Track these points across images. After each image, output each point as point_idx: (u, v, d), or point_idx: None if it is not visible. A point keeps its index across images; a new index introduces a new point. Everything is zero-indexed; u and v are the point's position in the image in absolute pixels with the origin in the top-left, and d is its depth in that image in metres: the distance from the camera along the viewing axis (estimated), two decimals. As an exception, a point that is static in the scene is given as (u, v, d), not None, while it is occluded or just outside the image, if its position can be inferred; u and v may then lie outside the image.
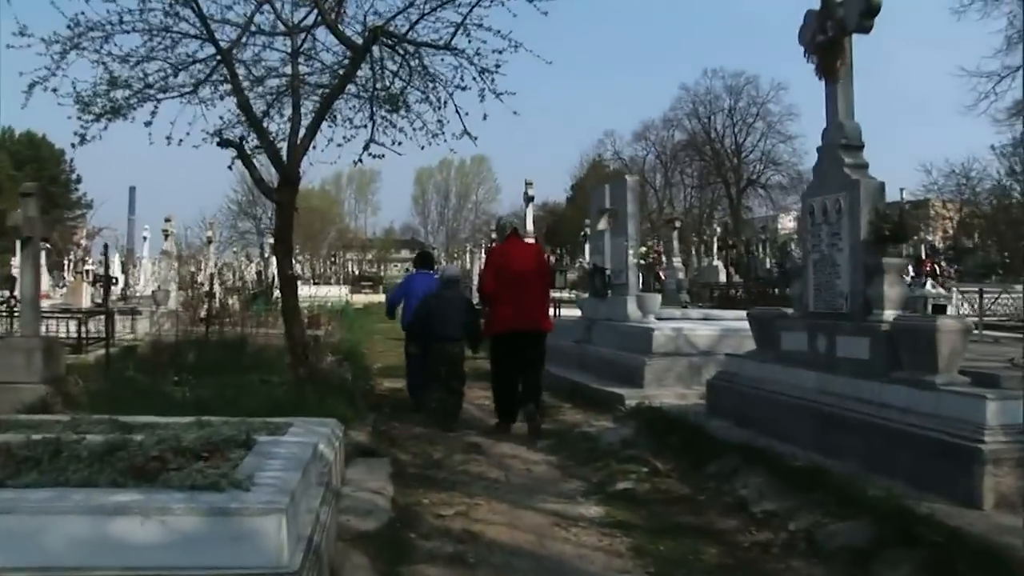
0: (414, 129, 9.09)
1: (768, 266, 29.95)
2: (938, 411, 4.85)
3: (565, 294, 18.77)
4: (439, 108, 8.72)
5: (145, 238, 26.43)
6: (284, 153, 8.39)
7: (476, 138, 8.23)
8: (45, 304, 14.96)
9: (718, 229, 39.09)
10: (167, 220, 21.58)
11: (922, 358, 5.09)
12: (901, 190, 35.55)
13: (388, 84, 8.25)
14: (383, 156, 8.37)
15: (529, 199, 21.05)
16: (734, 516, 5.14)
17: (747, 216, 58.07)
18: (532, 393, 8.05)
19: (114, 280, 25.03)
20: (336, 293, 32.15)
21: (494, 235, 38.95)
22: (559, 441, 7.59)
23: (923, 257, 25.22)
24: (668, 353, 8.93)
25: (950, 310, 11.86)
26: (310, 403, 7.42)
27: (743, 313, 11.05)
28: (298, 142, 8.31)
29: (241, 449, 3.70)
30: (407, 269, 17.04)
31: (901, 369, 5.28)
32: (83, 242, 24.51)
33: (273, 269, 31.95)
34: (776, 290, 19.78)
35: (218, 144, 8.21)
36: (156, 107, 8.51)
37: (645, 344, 9.02)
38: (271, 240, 36.52)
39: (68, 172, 67.67)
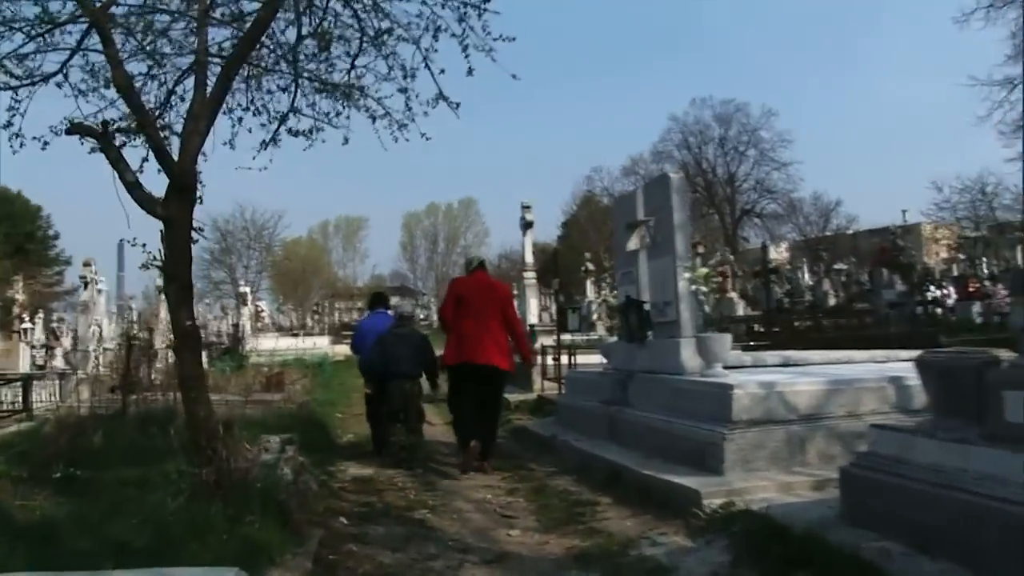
0: (372, 116, 6.59)
1: (779, 297, 27.26)
2: None
3: (577, 337, 15.89)
4: (407, 76, 6.10)
5: (100, 291, 23.49)
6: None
7: (457, 105, 5.69)
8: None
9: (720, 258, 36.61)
10: (85, 265, 18.51)
11: None
12: (903, 212, 33.33)
13: (318, 22, 5.55)
14: (311, 137, 5.77)
15: (527, 225, 17.52)
16: None
17: (743, 247, 56.59)
18: (486, 436, 8.07)
19: (53, 339, 22.25)
20: (318, 344, 29.32)
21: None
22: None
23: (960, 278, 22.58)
24: (757, 421, 6.03)
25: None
26: (215, 526, 4.81)
27: (842, 355, 8.28)
28: (198, 129, 5.56)
29: None
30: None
31: None
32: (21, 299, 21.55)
33: (243, 319, 29.18)
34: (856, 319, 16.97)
35: (67, 131, 5.45)
36: (15, 99, 5.93)
37: (721, 408, 6.13)
38: (242, 288, 33.80)
39: (45, 228, 65.17)
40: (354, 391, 16.00)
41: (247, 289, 31.10)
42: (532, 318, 17.13)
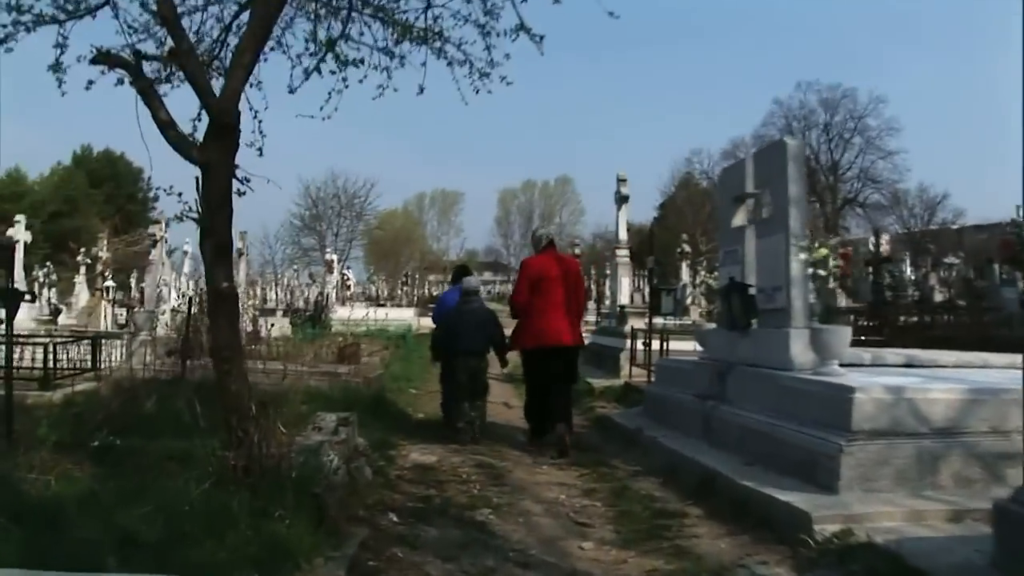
0: (450, 61, 5.87)
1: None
2: None
3: (670, 322, 14.90)
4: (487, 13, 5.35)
5: (186, 252, 23.60)
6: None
7: (541, 38, 4.90)
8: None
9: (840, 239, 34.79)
10: (154, 223, 18.07)
11: None
12: (1018, 206, 30.65)
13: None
14: (361, 65, 5.08)
15: (622, 199, 16.05)
16: None
17: (844, 237, 54.67)
18: (561, 413, 7.93)
19: (134, 298, 22.34)
20: (403, 316, 28.91)
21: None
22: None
23: None
24: (881, 432, 5.05)
25: None
26: (237, 519, 4.15)
27: (974, 357, 7.18)
28: (242, 63, 4.90)
29: None
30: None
31: None
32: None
33: (328, 287, 28.99)
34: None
35: (93, 60, 4.83)
36: (63, 34, 5.41)
37: (838, 414, 5.18)
38: (329, 256, 33.60)
39: (146, 191, 67.03)
40: (434, 366, 15.49)
41: (334, 257, 30.71)
42: (623, 298, 16.17)
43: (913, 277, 27.65)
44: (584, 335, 9.61)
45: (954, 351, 7.65)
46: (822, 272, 5.69)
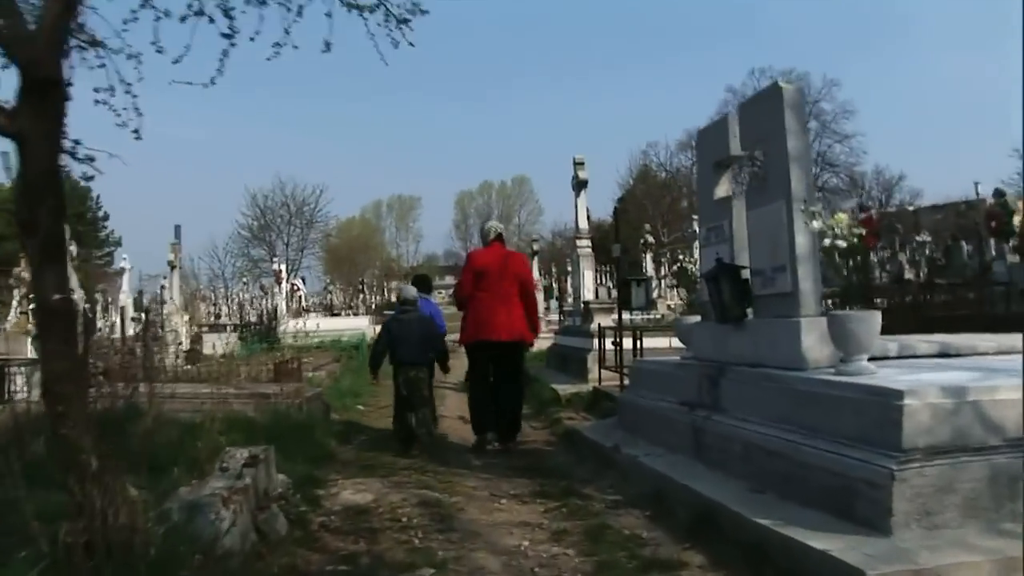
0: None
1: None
2: None
3: (638, 317, 13.66)
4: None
5: (123, 270, 21.91)
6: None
7: None
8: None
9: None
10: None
11: None
12: (976, 184, 30.38)
13: None
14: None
15: (580, 185, 15.07)
16: None
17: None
18: (507, 413, 7.95)
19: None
20: (358, 325, 27.38)
21: (535, 246, 34.86)
22: None
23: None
24: (941, 448, 3.78)
25: None
26: None
27: (1011, 341, 5.92)
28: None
29: None
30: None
31: None
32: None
33: (278, 299, 27.35)
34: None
35: None
36: None
37: (882, 426, 3.91)
38: (276, 266, 31.90)
39: (95, 210, 64.79)
40: (388, 378, 14.09)
41: (282, 267, 29.08)
42: (587, 293, 14.84)
43: (877, 258, 26.69)
44: (546, 335, 9.13)
45: (978, 334, 6.46)
46: (842, 244, 4.41)
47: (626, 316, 12.35)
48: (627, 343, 10.13)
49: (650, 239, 24.39)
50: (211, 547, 3.83)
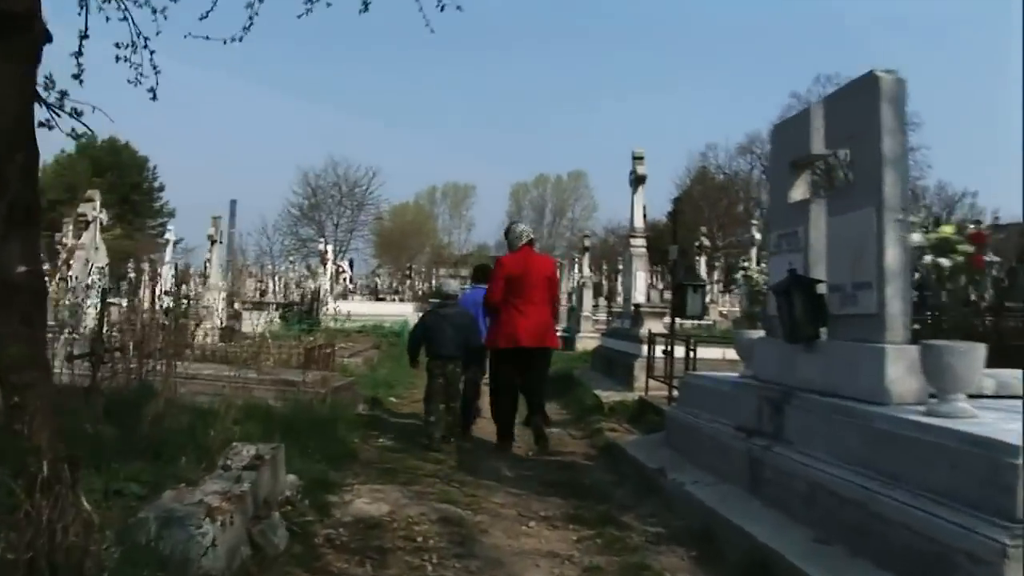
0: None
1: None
2: None
3: (689, 323, 12.96)
4: None
5: (168, 241, 21.77)
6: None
7: None
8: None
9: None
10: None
11: None
12: None
13: None
14: None
15: (638, 180, 14.03)
16: None
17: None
18: (535, 408, 8.11)
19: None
20: (401, 311, 26.89)
21: (587, 243, 34.03)
22: None
23: None
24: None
25: None
26: None
27: None
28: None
29: None
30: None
31: None
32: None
33: (322, 280, 27.00)
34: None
35: None
36: None
37: (990, 486, 3.23)
38: (322, 246, 31.50)
39: (151, 180, 65.50)
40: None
41: (328, 247, 28.66)
42: (639, 296, 14.11)
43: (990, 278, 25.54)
44: (592, 334, 8.85)
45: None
46: (945, 262, 3.73)
47: (677, 321, 11.64)
48: (678, 352, 9.45)
49: (705, 242, 23.51)
50: (183, 569, 3.30)
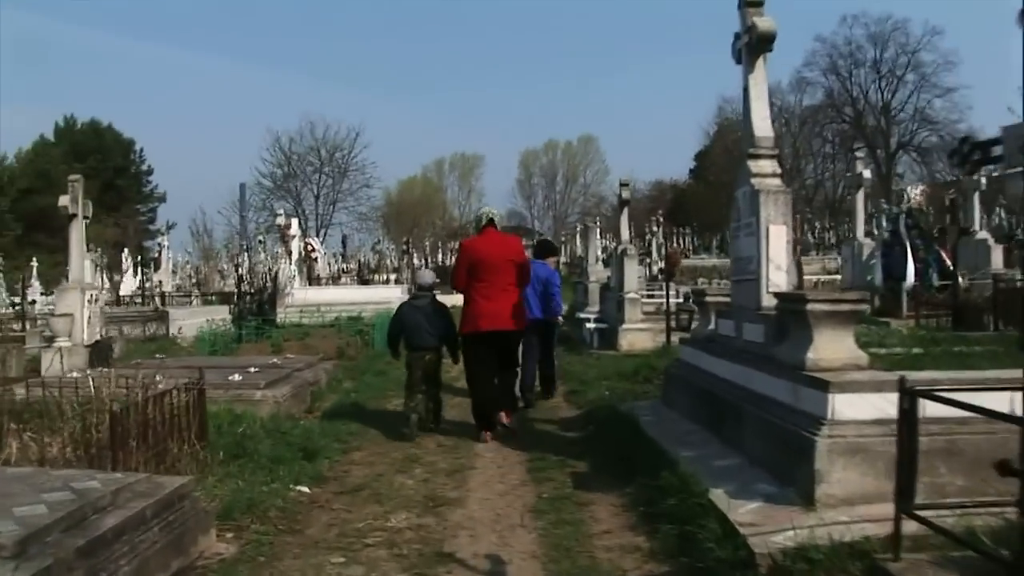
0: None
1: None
2: None
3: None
4: None
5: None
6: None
7: None
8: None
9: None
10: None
11: None
12: None
13: None
14: None
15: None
16: None
17: (896, 186, 49.84)
18: (505, 397, 8.05)
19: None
20: (387, 296, 22.19)
21: (608, 212, 30.29)
22: None
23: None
24: None
25: None
26: None
27: None
28: None
29: None
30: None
31: None
32: None
33: (281, 264, 22.54)
34: None
35: None
36: None
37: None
38: (280, 219, 25.99)
39: (138, 164, 62.07)
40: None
41: (293, 221, 23.50)
42: (779, 274, 10.77)
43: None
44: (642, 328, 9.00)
45: None
46: None
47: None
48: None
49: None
50: None
